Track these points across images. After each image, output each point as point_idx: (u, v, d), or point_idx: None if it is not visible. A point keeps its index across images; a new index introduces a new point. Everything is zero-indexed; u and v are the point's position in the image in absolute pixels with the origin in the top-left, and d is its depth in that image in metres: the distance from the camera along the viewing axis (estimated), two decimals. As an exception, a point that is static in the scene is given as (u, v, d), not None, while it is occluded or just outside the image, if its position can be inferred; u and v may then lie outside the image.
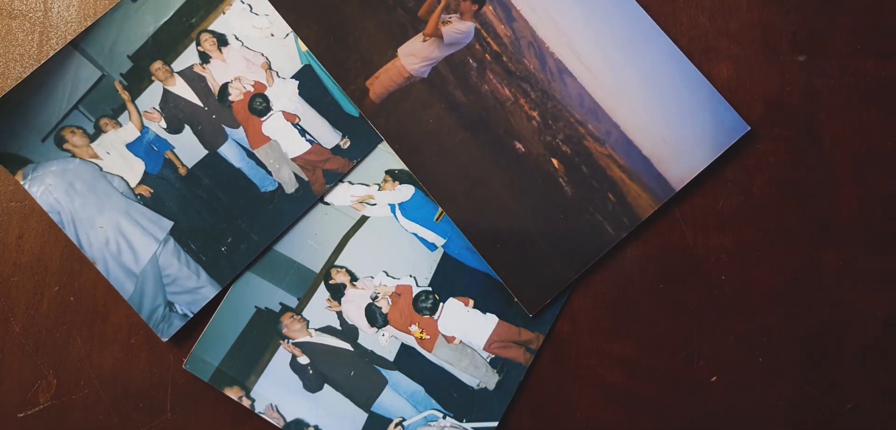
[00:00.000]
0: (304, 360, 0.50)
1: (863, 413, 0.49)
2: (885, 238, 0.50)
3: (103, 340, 0.50)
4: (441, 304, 0.51)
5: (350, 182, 0.51)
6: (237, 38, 0.51)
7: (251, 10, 0.51)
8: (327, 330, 0.51)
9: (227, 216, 0.51)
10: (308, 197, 0.51)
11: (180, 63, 0.51)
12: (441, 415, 0.50)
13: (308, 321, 0.51)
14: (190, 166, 0.51)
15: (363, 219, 0.51)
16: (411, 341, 0.51)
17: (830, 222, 0.50)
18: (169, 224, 0.51)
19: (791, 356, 0.50)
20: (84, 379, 0.50)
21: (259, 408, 0.50)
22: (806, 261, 0.50)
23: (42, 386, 0.50)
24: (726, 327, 0.50)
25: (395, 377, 0.50)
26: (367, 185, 0.51)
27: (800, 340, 0.50)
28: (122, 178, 0.51)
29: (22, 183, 0.50)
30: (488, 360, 0.50)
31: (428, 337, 0.51)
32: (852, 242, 0.50)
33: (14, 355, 0.50)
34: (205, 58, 0.51)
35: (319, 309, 0.51)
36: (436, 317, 0.51)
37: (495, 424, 0.50)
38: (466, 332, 0.51)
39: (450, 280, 0.51)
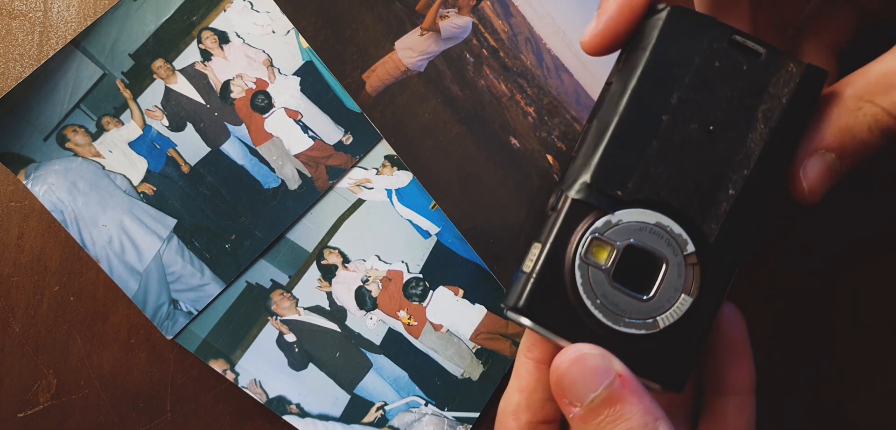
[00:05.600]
0: (291, 338, 0.50)
1: (863, 414, 0.50)
2: (886, 238, 0.50)
3: (103, 340, 0.50)
4: (431, 292, 0.51)
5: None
6: (238, 36, 0.51)
7: (252, 7, 0.51)
8: (316, 310, 0.51)
9: (231, 213, 0.51)
10: (311, 193, 0.51)
11: (182, 61, 0.51)
12: (423, 402, 0.50)
13: (298, 300, 0.51)
14: (193, 164, 0.51)
15: (359, 202, 0.51)
16: (399, 327, 0.51)
17: (830, 221, 0.50)
18: (172, 222, 0.50)
19: (791, 356, 0.50)
20: (84, 379, 0.50)
21: (242, 382, 0.50)
22: (806, 260, 0.50)
23: (42, 386, 0.50)
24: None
25: (380, 360, 0.51)
26: (366, 168, 0.51)
27: (800, 339, 0.50)
28: (124, 176, 0.50)
29: (25, 183, 0.50)
30: (474, 351, 0.50)
31: (415, 324, 0.51)
32: (852, 242, 0.50)
33: (14, 355, 0.50)
34: (206, 55, 0.51)
35: (310, 288, 0.51)
36: (425, 304, 0.51)
37: (477, 414, 0.50)
38: (454, 321, 0.51)
39: (441, 269, 0.51)
